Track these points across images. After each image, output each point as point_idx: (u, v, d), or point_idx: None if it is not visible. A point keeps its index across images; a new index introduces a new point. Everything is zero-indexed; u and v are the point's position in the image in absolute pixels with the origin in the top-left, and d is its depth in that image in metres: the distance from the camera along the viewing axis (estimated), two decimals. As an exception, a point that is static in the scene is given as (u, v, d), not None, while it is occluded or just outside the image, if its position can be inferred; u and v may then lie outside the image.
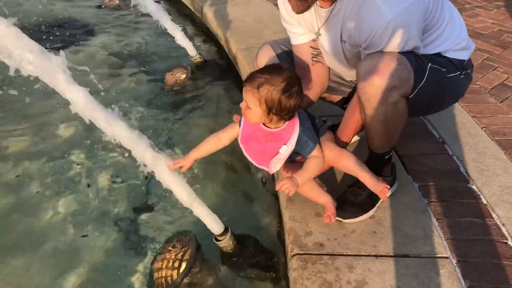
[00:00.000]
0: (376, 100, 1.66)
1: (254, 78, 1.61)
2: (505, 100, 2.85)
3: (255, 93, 1.60)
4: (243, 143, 1.79)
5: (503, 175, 2.17)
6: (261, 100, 1.59)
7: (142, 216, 2.32)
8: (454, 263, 1.71)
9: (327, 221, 1.83)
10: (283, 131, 1.71)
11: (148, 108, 3.22)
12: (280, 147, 1.71)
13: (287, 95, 1.59)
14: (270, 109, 1.61)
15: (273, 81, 1.59)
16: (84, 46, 4.17)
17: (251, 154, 1.79)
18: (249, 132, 1.76)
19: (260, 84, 1.59)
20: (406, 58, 1.66)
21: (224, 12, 4.20)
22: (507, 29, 4.00)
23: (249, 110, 1.65)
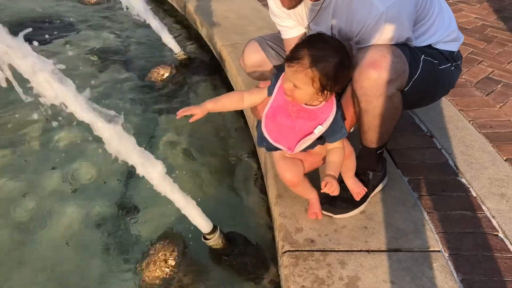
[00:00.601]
0: (372, 94, 1.64)
1: (303, 56, 1.49)
2: (491, 93, 2.86)
3: (308, 72, 1.48)
4: (269, 115, 1.66)
5: (492, 167, 2.16)
6: (315, 79, 1.49)
7: (127, 217, 2.25)
8: (446, 257, 1.70)
9: (313, 217, 1.82)
10: (319, 110, 1.62)
11: (131, 106, 3.15)
12: (313, 126, 1.62)
13: (343, 69, 1.52)
14: (324, 87, 1.52)
15: (326, 56, 1.49)
16: (65, 43, 4.07)
17: (273, 129, 1.67)
18: (281, 103, 1.65)
19: (313, 61, 1.47)
20: (401, 51, 1.65)
21: (207, 8, 4.15)
22: (490, 23, 4.03)
23: (297, 90, 1.54)
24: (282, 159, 1.77)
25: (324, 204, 1.87)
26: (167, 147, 2.73)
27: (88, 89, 1.51)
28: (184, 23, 4.53)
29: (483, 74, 3.10)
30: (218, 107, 1.73)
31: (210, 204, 2.26)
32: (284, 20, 1.94)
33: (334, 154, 1.70)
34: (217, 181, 2.47)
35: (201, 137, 2.82)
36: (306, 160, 1.80)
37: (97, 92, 3.27)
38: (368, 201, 1.92)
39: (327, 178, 1.62)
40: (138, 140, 1.67)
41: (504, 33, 3.82)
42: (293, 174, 1.74)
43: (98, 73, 3.59)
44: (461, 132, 2.43)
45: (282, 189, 1.99)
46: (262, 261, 1.97)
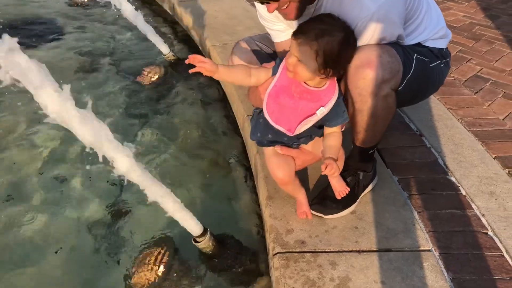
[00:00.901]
0: (368, 94, 1.64)
1: (309, 29, 1.49)
2: (480, 91, 2.87)
3: (313, 45, 1.47)
4: (272, 94, 1.64)
5: (481, 165, 2.17)
6: (319, 52, 1.48)
7: (118, 221, 2.24)
8: (437, 256, 1.70)
9: (303, 216, 1.82)
10: (322, 92, 1.61)
11: (121, 108, 3.13)
12: (315, 107, 1.61)
13: (347, 46, 1.52)
14: (327, 63, 1.50)
15: (332, 30, 1.49)
16: (54, 45, 4.04)
17: (274, 109, 1.65)
18: (285, 83, 1.63)
19: (318, 34, 1.47)
20: (395, 50, 1.65)
21: (196, 8, 4.13)
22: (478, 21, 4.05)
23: (300, 65, 1.53)
24: (274, 156, 1.76)
25: (314, 204, 1.87)
26: (156, 149, 2.72)
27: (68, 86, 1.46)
28: (173, 23, 4.50)
29: (471, 72, 3.11)
30: (227, 74, 1.67)
31: (200, 206, 2.25)
32: (274, 24, 1.92)
33: (332, 138, 1.68)
34: (207, 183, 2.46)
35: (191, 139, 2.80)
36: (298, 158, 1.79)
37: (86, 93, 3.24)
38: (359, 201, 1.92)
39: (327, 161, 1.58)
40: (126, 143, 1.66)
41: (492, 31, 3.84)
42: (284, 172, 1.74)
43: (87, 75, 3.56)
44: (450, 130, 2.44)
45: (273, 190, 1.98)
46: (253, 263, 1.96)
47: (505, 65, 3.23)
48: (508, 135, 2.40)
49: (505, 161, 2.21)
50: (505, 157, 2.23)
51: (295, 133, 1.66)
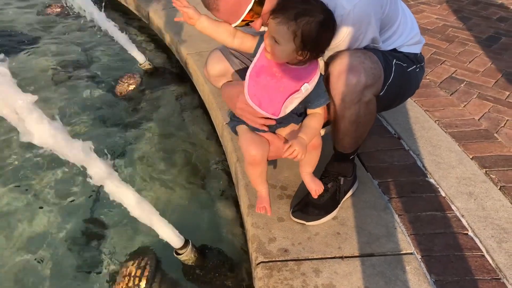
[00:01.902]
0: (351, 100, 1.63)
1: (288, 8, 1.43)
2: (455, 92, 2.91)
3: (291, 25, 1.42)
4: (253, 74, 1.58)
5: (459, 166, 2.20)
6: (297, 33, 1.42)
7: (97, 235, 2.19)
8: (419, 259, 1.71)
9: (262, 211, 1.78)
10: (303, 70, 1.56)
11: (97, 120, 3.07)
12: (299, 85, 1.55)
13: (326, 28, 1.46)
14: (305, 44, 1.45)
15: (312, 11, 1.43)
16: (27, 56, 3.96)
17: (257, 90, 1.58)
18: (265, 63, 1.57)
19: (298, 14, 1.41)
20: (376, 56, 1.65)
21: (171, 16, 4.09)
22: (451, 23, 4.12)
23: (277, 46, 1.47)
24: (249, 133, 1.70)
25: (296, 211, 1.86)
26: (136, 161, 2.67)
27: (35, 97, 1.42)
28: (148, 32, 4.46)
29: (446, 74, 3.16)
30: (210, 27, 1.61)
31: (181, 217, 2.22)
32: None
33: (312, 118, 1.64)
34: (187, 193, 2.43)
35: (170, 149, 2.77)
36: (273, 143, 1.72)
37: (60, 105, 3.18)
38: (340, 206, 1.91)
39: (292, 141, 1.52)
40: (105, 154, 1.63)
41: (464, 32, 3.91)
42: (258, 150, 1.66)
43: (60, 86, 3.49)
44: (428, 132, 2.47)
45: (254, 198, 1.96)
46: (236, 273, 1.94)
47: (478, 66, 3.29)
48: (484, 135, 2.44)
49: (482, 161, 2.23)
50: (482, 157, 2.26)
51: (280, 115, 1.59)
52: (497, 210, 1.94)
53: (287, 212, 1.89)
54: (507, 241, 1.78)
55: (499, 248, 1.76)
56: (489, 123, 2.57)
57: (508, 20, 4.22)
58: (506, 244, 1.77)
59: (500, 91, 2.94)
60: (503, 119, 2.62)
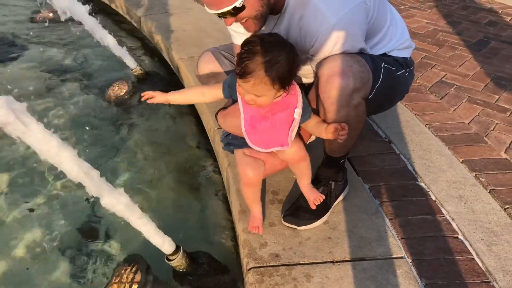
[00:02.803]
0: (340, 104, 1.64)
1: (254, 67, 1.45)
2: (445, 96, 2.93)
3: (266, 81, 1.47)
4: (250, 128, 1.63)
5: (449, 170, 2.21)
6: (274, 82, 1.48)
7: (88, 241, 2.18)
8: (410, 263, 1.71)
9: (255, 231, 1.81)
10: (287, 97, 1.60)
11: (88, 126, 3.06)
12: (291, 113, 1.61)
13: (292, 60, 1.49)
14: (284, 84, 1.52)
15: (274, 57, 1.45)
16: (17, 63, 3.93)
17: (260, 138, 1.64)
18: (253, 113, 1.62)
19: (266, 69, 1.45)
20: (364, 60, 1.66)
21: (163, 21, 4.10)
22: (441, 28, 4.15)
23: (260, 98, 1.53)
24: (245, 156, 1.75)
25: (287, 216, 1.86)
26: (126, 166, 2.67)
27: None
28: (140, 37, 4.46)
29: (436, 78, 3.18)
30: (181, 98, 1.77)
31: (172, 223, 2.22)
32: (238, 26, 1.92)
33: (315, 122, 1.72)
34: (178, 198, 2.42)
35: (161, 154, 2.76)
36: (267, 161, 1.77)
37: (51, 112, 3.16)
38: (331, 210, 1.92)
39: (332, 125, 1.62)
40: (96, 161, 1.62)
41: (454, 36, 3.94)
42: (254, 171, 1.71)
43: (51, 92, 3.47)
44: (418, 136, 2.48)
45: (245, 204, 1.96)
46: (228, 279, 1.93)
47: (468, 70, 3.32)
48: (473, 139, 2.46)
49: (471, 164, 2.25)
50: (472, 161, 2.28)
51: (289, 143, 1.66)
52: (486, 213, 1.96)
53: (278, 217, 1.89)
54: (497, 244, 1.80)
55: (489, 251, 1.77)
56: (479, 126, 2.59)
57: (497, 25, 4.26)
58: (495, 247, 1.78)
59: (489, 95, 2.97)
60: (492, 123, 2.64)
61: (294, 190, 2.04)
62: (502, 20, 4.39)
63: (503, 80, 3.18)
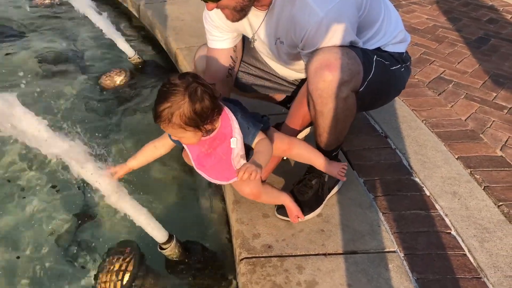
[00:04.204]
0: (328, 96, 1.64)
1: (159, 113, 1.46)
2: (443, 92, 2.93)
3: (172, 125, 1.48)
4: (200, 167, 1.68)
5: (444, 166, 2.21)
6: (182, 126, 1.48)
7: (81, 228, 2.19)
8: (402, 257, 1.72)
9: (296, 221, 1.81)
10: (221, 128, 1.60)
11: (84, 114, 3.05)
12: (228, 144, 1.60)
13: (198, 103, 1.46)
14: (197, 126, 1.50)
15: (176, 104, 1.45)
16: (14, 48, 3.91)
17: (214, 173, 1.67)
18: (197, 152, 1.66)
19: (169, 115, 1.45)
20: (354, 52, 1.65)
21: (162, 10, 4.08)
22: (441, 24, 4.14)
23: (182, 138, 1.57)
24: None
25: (280, 208, 1.86)
26: (121, 155, 2.66)
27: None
28: (138, 26, 4.44)
29: (435, 74, 3.17)
30: (139, 162, 1.78)
31: (166, 212, 2.22)
32: (214, 29, 1.92)
33: (256, 146, 1.64)
34: (173, 188, 2.42)
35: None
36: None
37: (48, 99, 3.15)
38: (325, 203, 1.92)
39: (243, 166, 1.51)
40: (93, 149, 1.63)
41: (454, 33, 3.93)
42: (250, 186, 1.69)
43: (48, 79, 3.46)
44: (415, 132, 2.48)
45: (239, 195, 1.95)
46: (220, 269, 1.94)
47: (467, 67, 3.31)
48: (470, 136, 2.46)
49: (467, 161, 2.25)
50: (467, 157, 2.28)
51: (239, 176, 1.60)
52: (480, 210, 1.96)
53: (272, 209, 1.89)
54: (489, 241, 1.80)
55: (481, 247, 1.77)
56: (476, 123, 2.59)
57: (497, 22, 4.25)
58: (487, 243, 1.79)
59: (487, 92, 2.96)
60: (489, 120, 2.64)
61: (287, 182, 2.04)
62: (502, 18, 4.38)
63: (501, 77, 3.17)
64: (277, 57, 1.91)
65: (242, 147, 1.62)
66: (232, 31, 1.91)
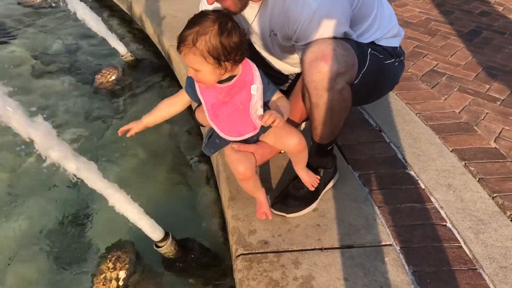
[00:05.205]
0: (323, 88, 1.63)
1: (185, 37, 1.45)
2: (436, 85, 2.93)
3: (195, 51, 1.44)
4: (213, 117, 1.62)
5: (439, 159, 2.22)
6: (204, 54, 1.44)
7: (75, 228, 2.17)
8: (398, 250, 1.72)
9: (263, 217, 1.80)
10: (242, 75, 1.57)
11: (77, 113, 3.03)
12: (249, 91, 1.57)
13: (226, 34, 1.45)
14: (218, 58, 1.46)
15: (204, 29, 1.44)
16: (5, 48, 3.88)
17: (227, 125, 1.62)
18: (213, 100, 1.60)
19: (194, 39, 1.43)
20: (349, 44, 1.65)
21: (154, 8, 4.05)
22: (434, 17, 4.14)
23: (199, 73, 1.50)
24: (234, 152, 1.72)
25: (276, 204, 1.86)
26: (117, 153, 2.64)
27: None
28: (130, 23, 4.41)
29: (428, 67, 3.18)
30: (155, 118, 1.76)
31: (161, 210, 2.20)
32: None
33: (279, 100, 1.64)
34: (168, 185, 2.41)
35: (151, 141, 2.74)
36: (257, 153, 1.74)
37: (39, 99, 3.13)
38: (320, 198, 1.92)
39: (267, 112, 1.50)
40: (86, 147, 1.61)
41: (447, 26, 3.93)
42: (245, 166, 1.69)
43: (40, 78, 3.43)
44: (409, 125, 2.48)
45: (235, 191, 1.96)
46: (217, 266, 1.94)
47: (460, 60, 3.32)
48: (464, 128, 2.46)
49: (461, 153, 2.26)
50: (461, 150, 2.28)
51: (258, 126, 1.62)
52: (475, 201, 1.97)
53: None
54: (484, 232, 1.81)
55: (476, 239, 1.78)
56: (469, 116, 2.60)
57: (489, 15, 4.26)
58: (483, 235, 1.80)
59: (480, 85, 2.97)
60: (483, 112, 2.64)
61: (283, 178, 2.04)
62: (494, 10, 4.38)
63: (494, 70, 3.18)
64: (270, 49, 1.91)
65: (261, 97, 1.60)
66: None
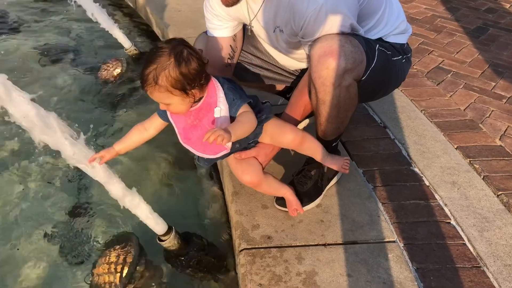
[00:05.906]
0: (331, 84, 1.62)
1: (146, 76, 1.43)
2: (441, 82, 2.92)
3: (159, 88, 1.43)
4: (186, 141, 1.63)
5: (443, 156, 2.21)
6: (169, 89, 1.43)
7: (77, 221, 2.17)
8: (401, 247, 1.72)
9: (295, 214, 1.80)
10: (207, 98, 1.55)
11: (81, 105, 3.03)
12: (213, 114, 1.55)
13: (184, 64, 1.43)
14: (184, 89, 1.45)
15: (161, 64, 1.42)
16: (10, 40, 3.87)
17: (201, 148, 1.61)
18: (183, 124, 1.61)
19: (155, 77, 1.42)
20: (357, 40, 1.64)
21: (159, 1, 4.04)
22: (440, 14, 4.12)
23: (170, 106, 1.51)
24: (237, 163, 1.73)
25: (279, 199, 1.85)
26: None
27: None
28: (135, 17, 4.40)
29: (433, 64, 3.16)
30: (127, 145, 1.71)
31: (165, 204, 2.20)
32: (221, 20, 1.89)
33: (240, 115, 1.57)
34: (172, 180, 2.41)
35: (155, 136, 2.73)
36: (260, 154, 1.75)
37: (45, 91, 3.12)
38: (324, 194, 1.91)
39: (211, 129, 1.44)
40: (89, 139, 1.61)
41: (452, 23, 3.91)
42: (251, 174, 1.70)
43: (43, 70, 3.43)
44: (414, 122, 2.47)
45: (239, 186, 1.96)
46: (219, 260, 1.93)
47: (465, 57, 3.30)
48: (469, 126, 2.45)
49: (466, 151, 2.25)
50: (466, 147, 2.27)
51: (229, 146, 1.61)
52: (479, 199, 1.96)
53: (271, 199, 1.89)
54: (488, 230, 1.80)
55: (480, 236, 1.77)
56: (475, 113, 2.58)
57: (496, 12, 4.23)
58: (487, 233, 1.79)
59: (486, 82, 2.96)
60: (488, 110, 2.63)
61: (287, 174, 2.04)
62: (501, 7, 4.36)
63: (500, 67, 3.16)
64: (275, 44, 1.90)
65: (226, 118, 1.56)
66: (232, 19, 1.89)
